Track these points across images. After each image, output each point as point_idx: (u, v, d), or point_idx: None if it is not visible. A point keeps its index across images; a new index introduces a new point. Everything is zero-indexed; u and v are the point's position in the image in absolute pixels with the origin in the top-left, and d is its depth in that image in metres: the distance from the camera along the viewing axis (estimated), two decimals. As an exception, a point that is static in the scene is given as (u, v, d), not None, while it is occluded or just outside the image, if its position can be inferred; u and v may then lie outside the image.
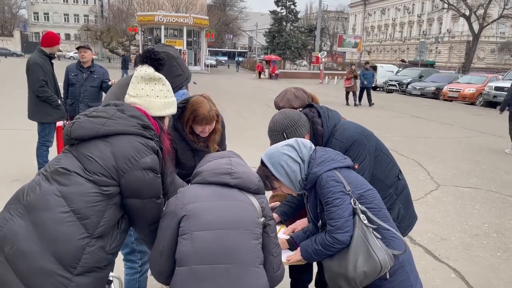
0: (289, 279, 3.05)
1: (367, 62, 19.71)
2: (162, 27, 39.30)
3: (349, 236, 1.86)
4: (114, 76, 2.66)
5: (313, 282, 3.08)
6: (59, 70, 5.80)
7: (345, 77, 18.29)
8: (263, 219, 1.76)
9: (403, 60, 52.05)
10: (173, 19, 38.93)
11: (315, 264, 2.94)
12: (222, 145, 2.76)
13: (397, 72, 28.23)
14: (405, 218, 2.45)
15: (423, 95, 22.91)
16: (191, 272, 1.57)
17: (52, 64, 5.41)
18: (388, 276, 1.89)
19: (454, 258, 4.09)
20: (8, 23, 72.17)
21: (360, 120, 9.94)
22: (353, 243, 1.86)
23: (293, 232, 2.42)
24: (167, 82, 1.88)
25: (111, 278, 2.36)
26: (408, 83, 24.50)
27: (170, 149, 1.86)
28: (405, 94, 24.22)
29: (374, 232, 1.86)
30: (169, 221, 1.69)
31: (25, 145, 6.26)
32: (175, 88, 2.10)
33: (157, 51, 1.96)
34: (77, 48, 5.90)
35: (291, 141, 2.07)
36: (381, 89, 25.94)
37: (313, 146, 2.08)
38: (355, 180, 1.98)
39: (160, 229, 1.73)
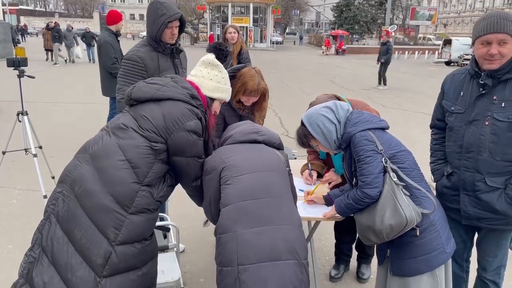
0: (334, 241, 3.24)
1: None
2: (229, 4, 39.76)
3: (378, 192, 1.98)
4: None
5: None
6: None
7: None
8: (288, 168, 2.03)
9: (484, 33, 47.85)
10: (240, -4, 39.27)
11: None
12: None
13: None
14: None
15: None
16: (236, 207, 1.80)
17: (118, 41, 5.80)
18: (418, 233, 1.99)
19: None
20: (88, 5, 76.96)
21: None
22: (382, 198, 1.98)
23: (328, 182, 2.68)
24: (224, 71, 2.18)
25: (169, 226, 2.69)
26: (487, 57, 22.76)
27: (214, 125, 2.15)
28: (482, 69, 22.58)
29: (403, 190, 1.96)
30: (211, 174, 1.94)
31: (102, 116, 6.88)
32: (162, 25, 2.70)
33: (222, 43, 2.33)
34: None
35: (330, 103, 2.21)
36: (456, 63, 24.46)
37: (350, 108, 2.21)
38: (389, 140, 2.09)
39: (205, 182, 1.99)
